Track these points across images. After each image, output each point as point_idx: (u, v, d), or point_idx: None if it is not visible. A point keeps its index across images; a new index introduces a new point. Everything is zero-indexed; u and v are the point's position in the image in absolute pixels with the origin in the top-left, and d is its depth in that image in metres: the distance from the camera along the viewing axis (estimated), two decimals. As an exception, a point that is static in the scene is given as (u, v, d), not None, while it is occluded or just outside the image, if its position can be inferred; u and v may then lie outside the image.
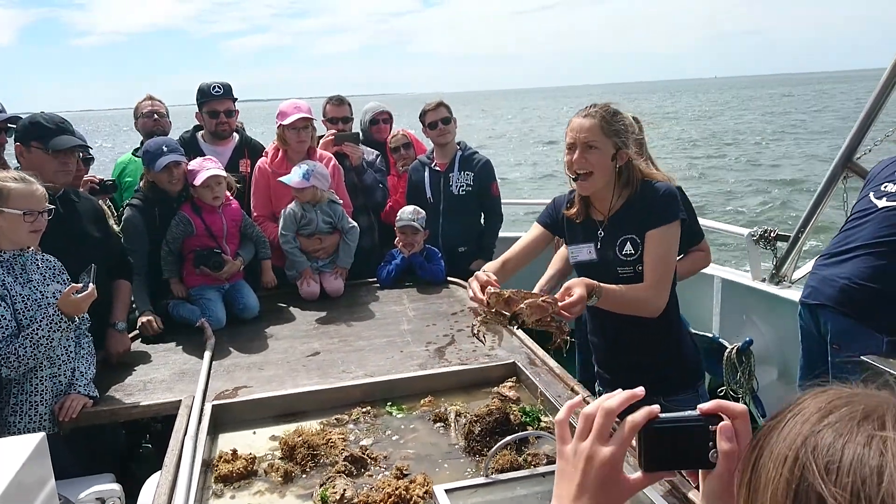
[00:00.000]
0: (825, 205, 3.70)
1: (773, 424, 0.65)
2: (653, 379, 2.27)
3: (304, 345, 3.11)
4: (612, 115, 2.20)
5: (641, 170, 2.27)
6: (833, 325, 2.80)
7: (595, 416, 0.83)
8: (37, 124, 2.89)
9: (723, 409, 0.79)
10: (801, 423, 0.62)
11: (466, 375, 2.58)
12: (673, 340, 2.36)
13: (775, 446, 0.63)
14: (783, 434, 0.63)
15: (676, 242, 2.21)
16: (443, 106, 4.22)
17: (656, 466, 0.81)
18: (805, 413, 0.63)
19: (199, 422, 2.25)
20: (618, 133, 2.19)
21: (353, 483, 1.87)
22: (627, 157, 2.22)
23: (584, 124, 2.19)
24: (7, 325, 2.37)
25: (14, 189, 2.39)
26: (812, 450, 0.59)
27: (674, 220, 2.18)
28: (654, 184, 2.24)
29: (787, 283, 3.90)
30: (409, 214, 3.91)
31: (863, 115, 3.46)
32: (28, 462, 1.44)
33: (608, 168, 2.21)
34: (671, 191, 2.22)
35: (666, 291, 2.20)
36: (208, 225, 3.52)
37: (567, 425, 0.87)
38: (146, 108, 4.45)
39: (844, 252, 2.85)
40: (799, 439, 0.61)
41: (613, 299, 2.15)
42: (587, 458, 0.82)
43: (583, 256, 2.35)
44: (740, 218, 12.63)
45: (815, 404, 0.63)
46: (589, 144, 2.18)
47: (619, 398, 0.83)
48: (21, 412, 2.44)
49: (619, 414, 0.84)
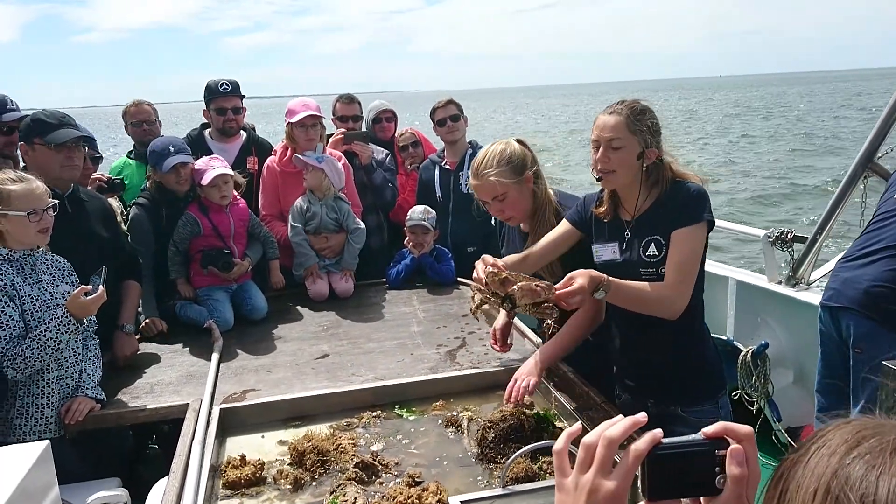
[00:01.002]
0: (844, 206, 3.62)
1: (797, 457, 0.63)
2: (671, 386, 2.24)
3: (312, 347, 3.07)
4: (638, 112, 2.13)
5: (673, 169, 2.20)
6: (856, 328, 2.74)
7: (596, 445, 0.78)
8: (38, 121, 2.85)
9: (728, 432, 0.76)
10: (828, 455, 0.60)
11: (478, 379, 2.54)
12: (694, 346, 2.28)
13: (802, 480, 0.61)
14: (810, 467, 0.61)
15: (702, 244, 2.13)
16: (452, 103, 4.18)
17: (660, 495, 0.77)
18: (831, 445, 0.61)
19: (207, 426, 2.21)
20: (645, 131, 2.12)
21: (364, 491, 1.83)
22: (655, 157, 2.15)
23: (609, 122, 2.13)
24: (15, 325, 2.34)
25: (14, 190, 2.35)
26: (844, 482, 0.57)
27: (700, 220, 2.11)
28: (684, 184, 2.17)
29: (803, 286, 3.83)
30: (419, 214, 3.87)
31: (884, 115, 3.39)
32: (32, 470, 1.41)
33: (632, 167, 2.15)
34: (700, 191, 2.15)
35: (687, 293, 2.11)
36: (216, 225, 3.48)
37: (566, 455, 0.82)
38: (134, 116, 4.34)
39: (868, 254, 2.78)
40: (828, 472, 0.59)
41: (626, 295, 2.09)
42: (590, 492, 0.77)
43: (607, 256, 2.29)
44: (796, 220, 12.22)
45: (840, 436, 0.62)
46: (612, 142, 2.12)
47: (622, 427, 0.78)
48: (27, 415, 2.41)
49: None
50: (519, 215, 2.52)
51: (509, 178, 2.41)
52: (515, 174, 2.43)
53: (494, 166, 2.41)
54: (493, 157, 2.43)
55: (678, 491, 0.77)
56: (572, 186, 12.78)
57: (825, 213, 3.70)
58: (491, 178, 2.40)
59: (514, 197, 2.44)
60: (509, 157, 2.43)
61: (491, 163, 2.42)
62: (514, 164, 2.43)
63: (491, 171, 2.41)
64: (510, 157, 2.43)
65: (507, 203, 2.46)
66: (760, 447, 3.72)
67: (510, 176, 2.42)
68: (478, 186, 2.47)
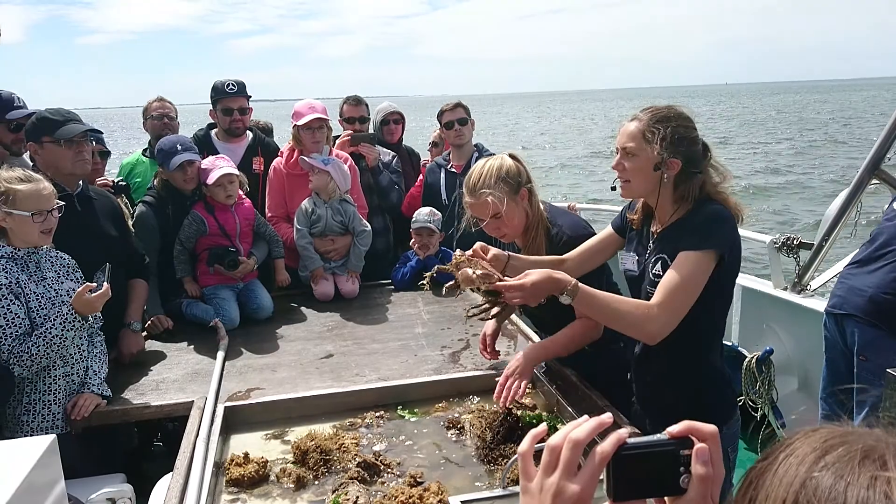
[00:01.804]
0: (850, 213, 3.62)
1: (766, 466, 0.63)
2: (675, 409, 2.17)
3: (317, 347, 3.09)
4: (659, 119, 1.99)
5: (707, 187, 2.02)
6: (861, 335, 2.73)
7: (561, 447, 0.77)
8: (44, 119, 2.88)
9: (693, 431, 0.75)
10: (796, 464, 0.60)
11: (481, 381, 2.54)
12: (695, 373, 2.12)
13: (771, 489, 0.60)
14: (778, 475, 0.61)
15: (702, 272, 1.92)
16: (460, 107, 4.19)
17: (625, 495, 0.76)
18: (799, 454, 0.61)
19: (212, 423, 2.23)
20: (665, 139, 1.96)
21: (366, 490, 1.84)
22: (678, 168, 1.99)
23: (628, 129, 2.03)
24: (21, 323, 2.36)
25: (21, 190, 2.37)
26: (813, 492, 0.57)
27: (708, 248, 1.92)
28: (708, 205, 1.99)
29: (809, 293, 3.82)
30: (425, 216, 3.88)
31: (891, 123, 3.38)
32: (39, 464, 1.42)
33: (649, 177, 2.01)
34: (718, 216, 1.96)
35: (669, 318, 1.91)
36: (221, 224, 3.51)
37: (531, 458, 0.81)
38: (156, 110, 4.43)
39: (874, 261, 2.77)
40: (797, 481, 0.59)
41: (596, 306, 1.96)
42: (554, 495, 0.76)
43: (628, 265, 2.23)
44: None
45: (808, 444, 0.61)
46: (627, 151, 2.03)
47: (588, 428, 0.77)
48: (34, 411, 2.43)
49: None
50: (512, 232, 2.48)
51: (506, 197, 2.37)
52: (512, 192, 2.39)
53: (492, 185, 2.37)
54: (490, 175, 2.38)
55: (643, 491, 0.77)
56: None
57: (831, 220, 3.69)
58: (488, 199, 2.36)
59: (509, 215, 2.40)
60: (506, 175, 2.39)
61: (488, 182, 2.38)
62: (511, 182, 2.39)
63: (487, 191, 2.36)
64: (506, 174, 2.39)
65: (502, 221, 2.41)
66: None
67: (507, 194, 2.38)
68: (474, 205, 2.42)
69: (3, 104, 3.16)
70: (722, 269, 1.95)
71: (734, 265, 2.02)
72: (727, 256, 1.95)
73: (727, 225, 1.97)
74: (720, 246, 1.93)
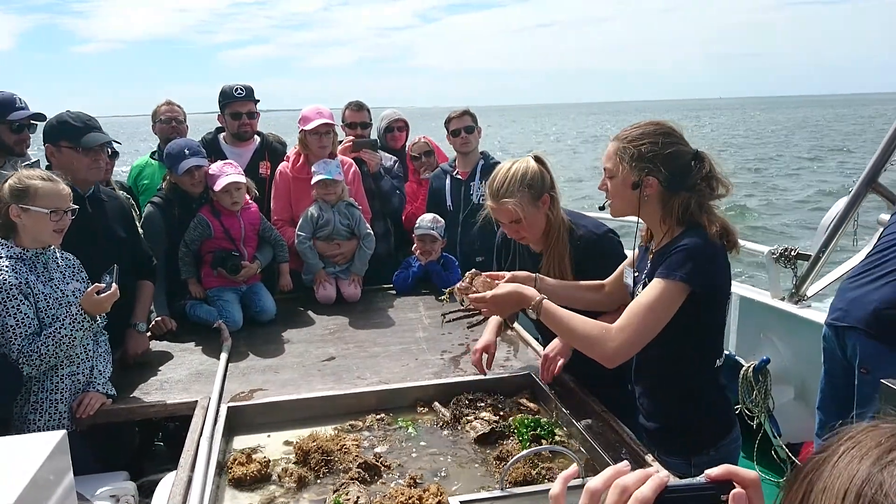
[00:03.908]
0: (847, 225, 3.66)
1: (824, 458, 0.61)
2: (650, 426, 2.16)
3: (319, 349, 3.13)
4: (635, 137, 1.95)
5: (693, 208, 1.93)
6: (862, 348, 2.73)
7: (599, 492, 0.74)
8: (64, 123, 2.93)
9: (733, 476, 0.73)
10: (859, 457, 0.58)
11: (481, 385, 2.57)
12: (671, 400, 2.12)
13: (830, 480, 0.58)
14: (839, 468, 0.58)
15: (670, 301, 1.86)
16: (468, 115, 4.24)
17: None
18: (863, 447, 0.59)
19: (215, 423, 2.26)
20: (641, 158, 1.92)
21: (366, 490, 1.87)
22: (656, 186, 1.93)
23: (608, 148, 2.02)
24: (30, 323, 2.40)
25: (41, 187, 2.43)
26: (878, 487, 0.55)
27: (674, 279, 1.85)
28: (689, 234, 1.92)
29: (806, 303, 3.85)
30: (428, 222, 3.92)
31: (888, 137, 3.42)
32: (50, 458, 1.46)
33: (628, 197, 1.98)
34: (693, 249, 1.88)
35: (628, 342, 1.87)
36: (227, 228, 3.55)
37: (563, 500, 0.80)
38: (164, 113, 4.50)
39: (876, 274, 2.77)
40: (860, 475, 0.56)
41: (556, 323, 1.98)
42: None
43: (629, 281, 2.22)
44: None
45: (873, 438, 0.59)
46: (606, 171, 2.03)
47: (637, 476, 0.74)
48: (41, 410, 2.47)
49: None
50: (532, 236, 2.50)
51: (528, 203, 2.37)
52: (534, 199, 2.39)
53: (516, 192, 2.36)
54: (515, 181, 2.37)
55: None
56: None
57: (828, 231, 3.73)
58: (510, 206, 2.36)
59: (530, 220, 2.41)
60: (530, 182, 2.38)
61: (511, 188, 2.37)
62: (534, 188, 2.39)
63: (511, 199, 2.36)
64: (531, 181, 2.38)
65: (523, 225, 2.42)
66: (760, 462, 3.71)
67: (529, 201, 2.38)
68: (495, 210, 2.43)
69: (5, 105, 3.20)
70: (694, 303, 1.88)
71: (713, 299, 1.96)
72: (699, 290, 1.88)
73: (700, 258, 1.87)
74: (689, 279, 1.85)
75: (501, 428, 2.19)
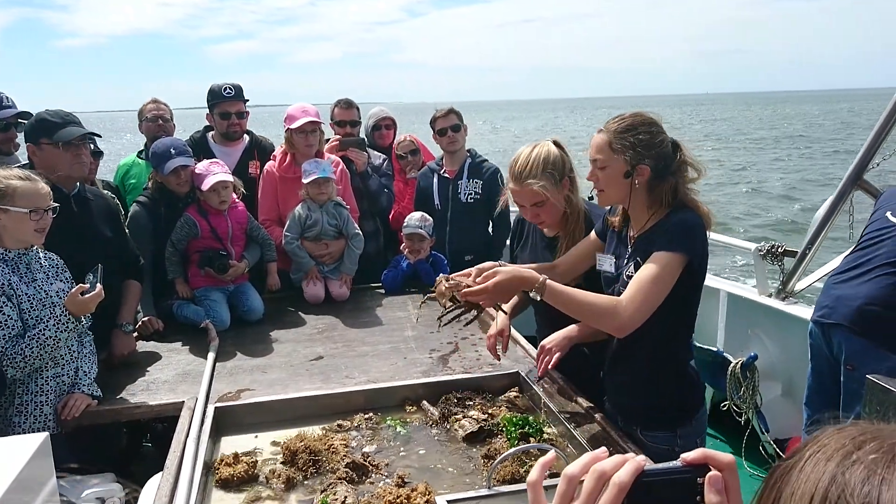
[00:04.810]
0: (834, 222, 3.68)
1: (792, 463, 0.61)
2: (637, 405, 2.22)
3: (307, 349, 3.11)
4: (625, 129, 2.03)
5: (680, 189, 2.06)
6: (847, 345, 2.75)
7: (579, 477, 0.74)
8: (43, 121, 2.89)
9: (709, 459, 0.73)
10: (825, 459, 0.58)
11: (469, 384, 2.57)
12: (662, 375, 2.18)
13: (797, 485, 0.58)
14: (805, 472, 0.58)
15: (671, 272, 1.96)
16: (453, 113, 4.22)
17: None
18: (828, 450, 0.59)
19: (202, 424, 2.25)
20: (631, 148, 2.01)
21: (354, 490, 1.87)
22: (648, 173, 2.02)
23: (596, 141, 2.08)
24: (13, 325, 2.37)
25: (20, 187, 2.39)
26: (843, 488, 0.55)
27: (680, 251, 1.96)
28: (682, 213, 2.03)
29: (793, 300, 3.88)
30: (416, 221, 3.92)
31: (873, 134, 3.45)
32: (31, 461, 1.45)
33: (620, 186, 2.06)
34: (691, 224, 2.00)
35: (639, 313, 1.95)
36: (214, 227, 3.53)
37: (541, 487, 0.79)
38: (150, 111, 4.44)
39: (862, 273, 2.79)
40: (826, 477, 0.56)
41: (566, 301, 2.01)
42: None
43: (606, 267, 2.27)
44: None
45: (838, 440, 0.59)
46: (597, 162, 2.08)
47: (614, 461, 0.74)
48: (26, 412, 2.44)
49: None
50: (551, 220, 2.51)
51: (551, 186, 2.40)
52: (556, 181, 2.42)
53: (539, 175, 2.38)
54: (538, 164, 2.39)
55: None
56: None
57: (814, 228, 3.75)
58: (534, 187, 2.38)
59: (551, 203, 2.43)
60: (553, 164, 2.41)
61: (535, 171, 2.39)
62: (556, 170, 2.42)
63: (535, 181, 2.38)
64: (553, 163, 2.41)
65: (544, 208, 2.44)
66: (748, 458, 3.74)
67: (552, 183, 2.40)
68: (518, 192, 2.44)
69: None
70: (688, 275, 1.99)
71: (700, 274, 2.07)
72: (695, 263, 1.99)
73: (697, 232, 2.01)
74: (690, 251, 1.97)
75: (490, 426, 2.20)
